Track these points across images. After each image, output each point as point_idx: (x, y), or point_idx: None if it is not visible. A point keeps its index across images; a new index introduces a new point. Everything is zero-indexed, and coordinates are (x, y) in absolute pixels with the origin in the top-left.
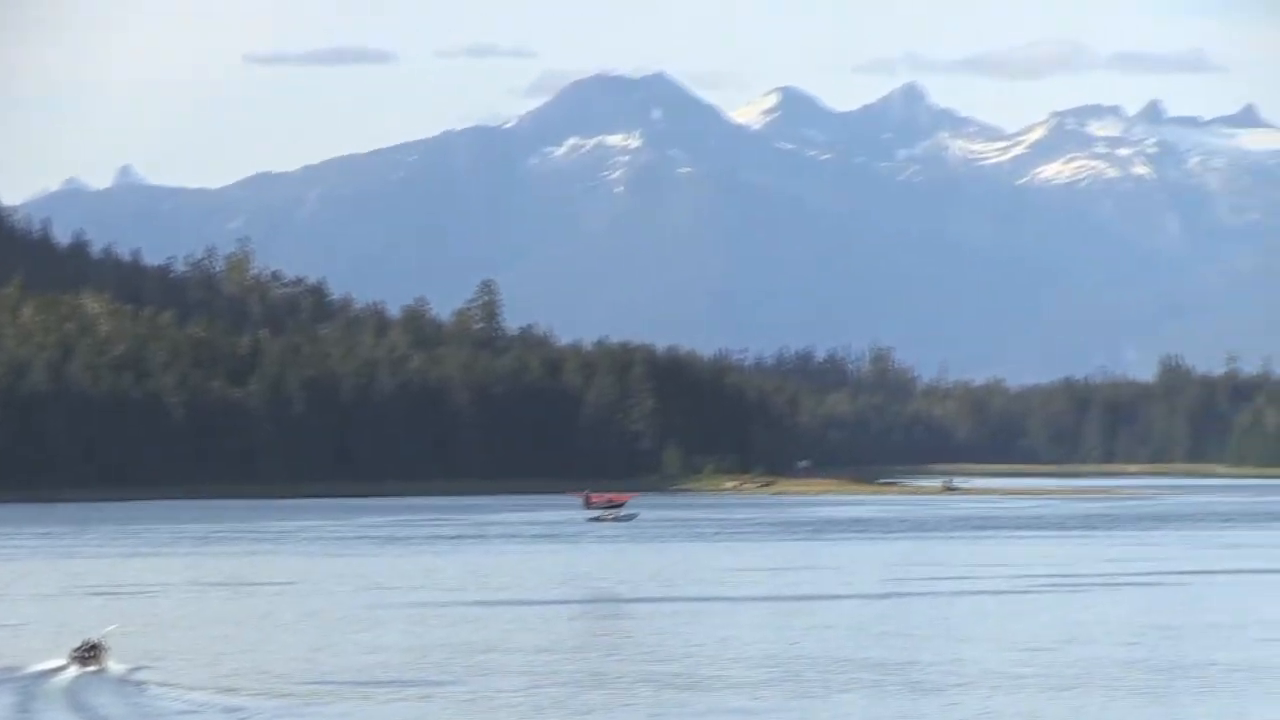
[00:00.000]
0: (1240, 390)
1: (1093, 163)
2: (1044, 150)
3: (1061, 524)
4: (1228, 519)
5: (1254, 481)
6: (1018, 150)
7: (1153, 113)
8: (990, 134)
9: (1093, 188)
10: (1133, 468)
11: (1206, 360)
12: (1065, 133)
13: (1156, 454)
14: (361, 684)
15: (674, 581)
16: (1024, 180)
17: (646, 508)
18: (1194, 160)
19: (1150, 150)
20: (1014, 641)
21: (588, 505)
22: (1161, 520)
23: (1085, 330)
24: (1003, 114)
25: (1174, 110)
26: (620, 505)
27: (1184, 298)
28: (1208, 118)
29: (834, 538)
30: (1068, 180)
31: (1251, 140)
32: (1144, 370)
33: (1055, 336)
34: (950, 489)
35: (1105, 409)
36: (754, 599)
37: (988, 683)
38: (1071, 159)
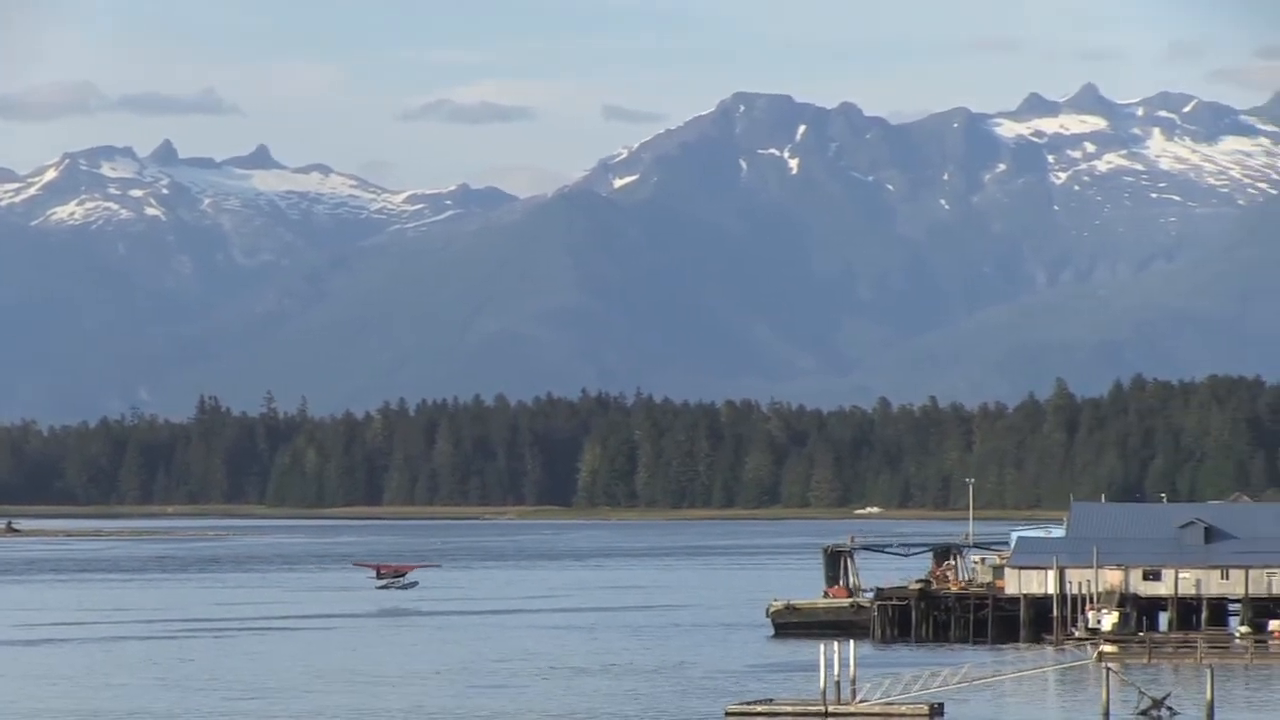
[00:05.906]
0: (279, 431)
1: (107, 204)
2: (57, 192)
3: (147, 567)
4: (307, 561)
5: (307, 522)
6: (31, 191)
7: (165, 154)
8: (2, 176)
9: (106, 229)
10: (171, 509)
11: (231, 401)
12: (79, 174)
13: (195, 495)
14: None
15: None
16: (38, 222)
17: None
18: (207, 201)
19: (164, 192)
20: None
21: (379, 576)
22: (242, 562)
23: (99, 372)
24: (15, 155)
25: (186, 151)
26: (404, 574)
27: (199, 339)
28: (220, 159)
29: None
30: (81, 221)
31: (264, 181)
32: (162, 410)
33: (70, 378)
34: (13, 531)
35: (142, 450)
36: None
37: None
38: (85, 200)
